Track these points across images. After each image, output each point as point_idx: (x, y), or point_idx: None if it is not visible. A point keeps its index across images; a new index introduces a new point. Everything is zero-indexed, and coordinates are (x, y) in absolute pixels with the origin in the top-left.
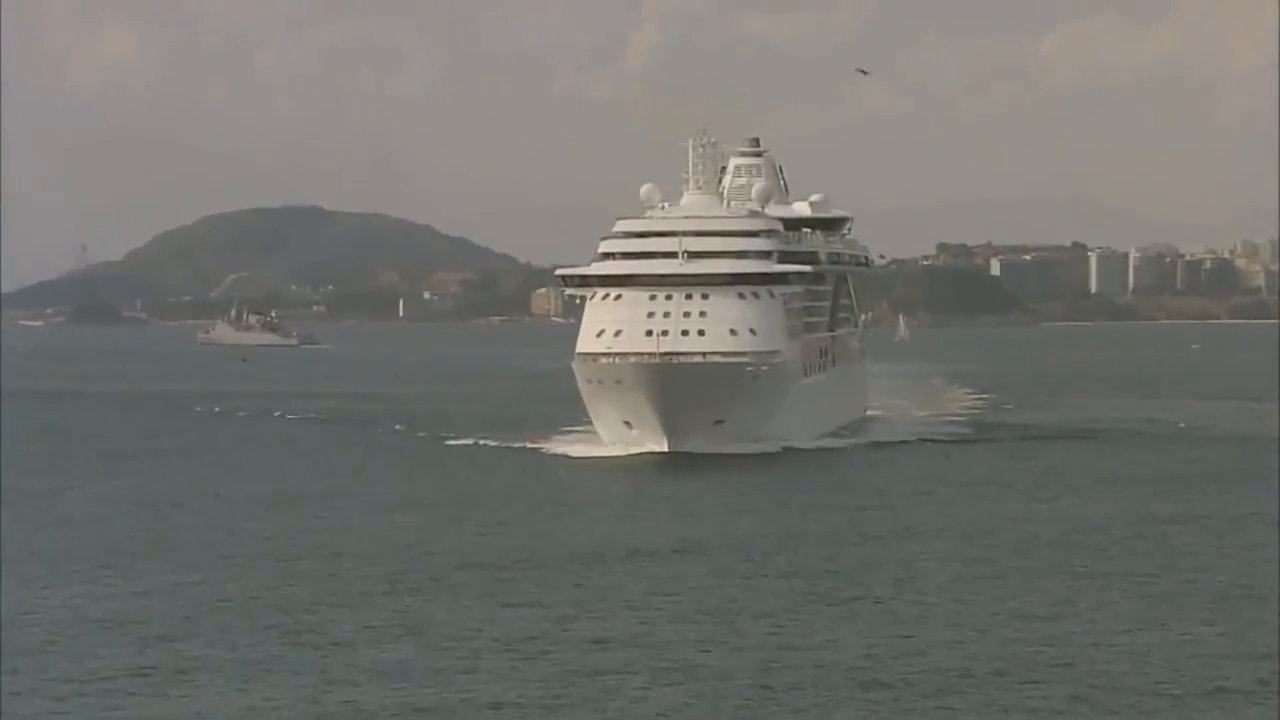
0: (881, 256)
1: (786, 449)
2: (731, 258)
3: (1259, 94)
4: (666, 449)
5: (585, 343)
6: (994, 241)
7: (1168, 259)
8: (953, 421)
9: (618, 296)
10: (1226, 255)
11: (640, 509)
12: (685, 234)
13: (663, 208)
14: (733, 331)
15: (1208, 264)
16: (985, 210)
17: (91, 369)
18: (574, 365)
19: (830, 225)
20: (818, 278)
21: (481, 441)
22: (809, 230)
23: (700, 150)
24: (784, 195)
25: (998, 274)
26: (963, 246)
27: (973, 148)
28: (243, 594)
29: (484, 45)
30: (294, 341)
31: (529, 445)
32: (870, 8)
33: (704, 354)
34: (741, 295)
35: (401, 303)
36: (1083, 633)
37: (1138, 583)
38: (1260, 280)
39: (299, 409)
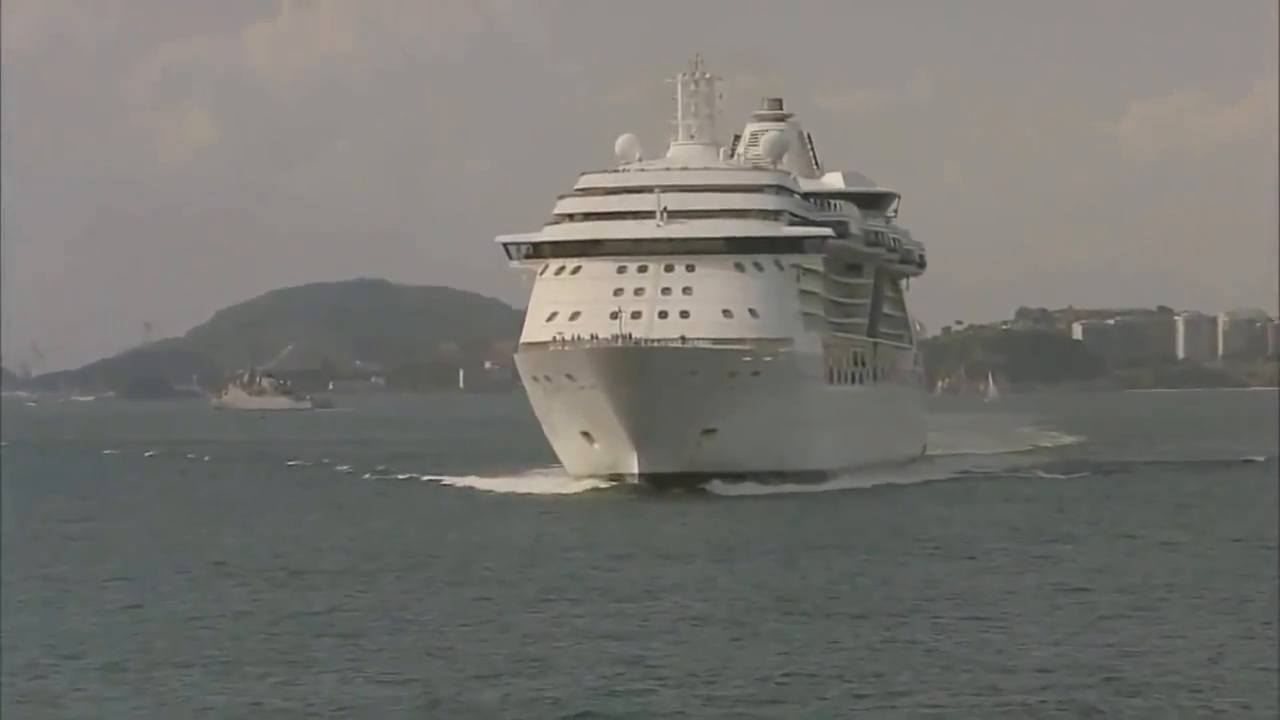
0: (959, 322)
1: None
2: (727, 217)
3: None
4: (636, 470)
5: (532, 329)
6: (1076, 305)
7: (1258, 324)
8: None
9: (576, 269)
10: None
11: None
12: (666, 189)
13: (640, 160)
14: (726, 312)
15: None
16: (1067, 280)
17: (72, 429)
18: (516, 359)
19: (869, 202)
20: (854, 266)
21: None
22: (839, 203)
23: (692, 89)
24: (812, 170)
25: (1080, 338)
26: (1043, 311)
27: (1055, 220)
28: None
29: (556, 123)
30: (307, 405)
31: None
32: (945, 84)
33: (684, 338)
34: (740, 266)
35: (462, 373)
36: None
37: None
38: None
39: (212, 451)
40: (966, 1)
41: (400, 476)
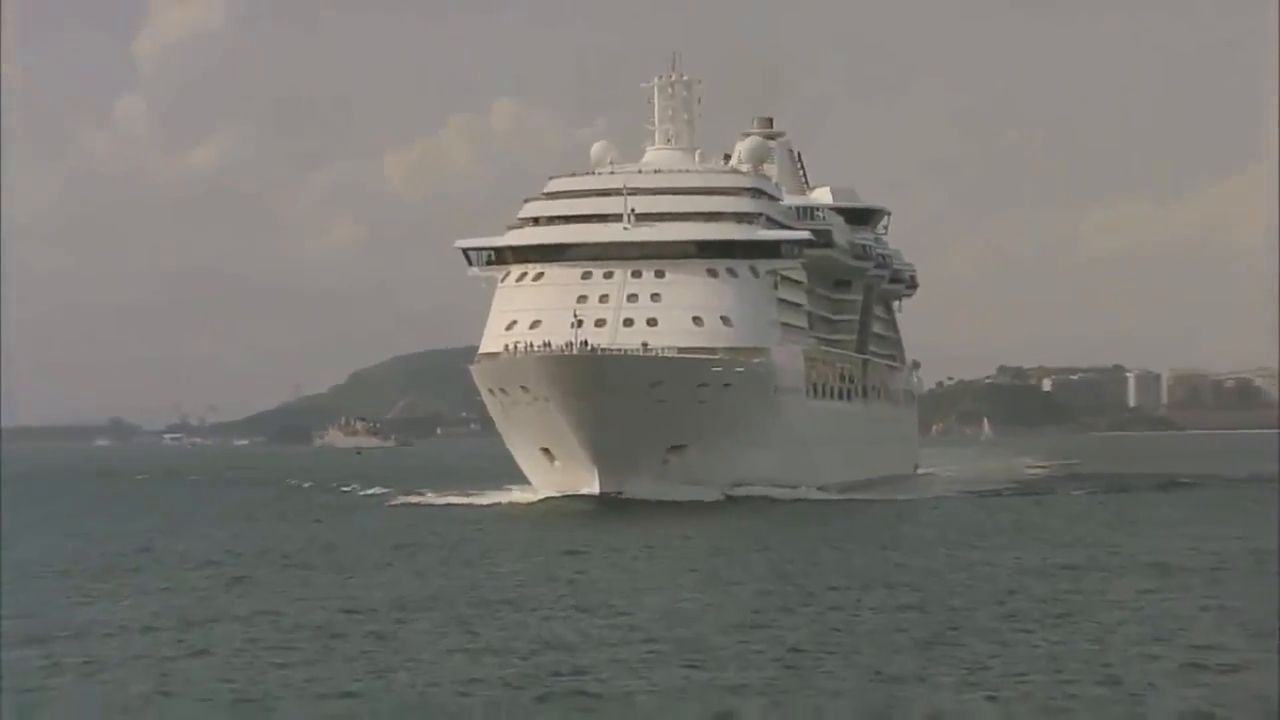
0: (950, 378)
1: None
2: (698, 220)
3: (1258, 257)
4: (597, 490)
5: (490, 339)
6: (1046, 364)
7: (1195, 378)
8: None
9: (539, 275)
10: (1246, 376)
11: None
12: (635, 191)
13: (610, 164)
14: (697, 320)
15: (1229, 383)
16: (1040, 343)
17: (174, 462)
18: (472, 371)
19: (858, 217)
20: (842, 282)
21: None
22: (825, 213)
23: (669, 91)
24: (802, 188)
25: (1050, 390)
26: (1019, 369)
27: (1030, 296)
28: None
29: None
30: (391, 444)
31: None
32: (950, 191)
33: (645, 345)
34: (712, 272)
35: None
36: None
37: None
38: (1275, 396)
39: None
40: (952, 109)
41: (363, 492)
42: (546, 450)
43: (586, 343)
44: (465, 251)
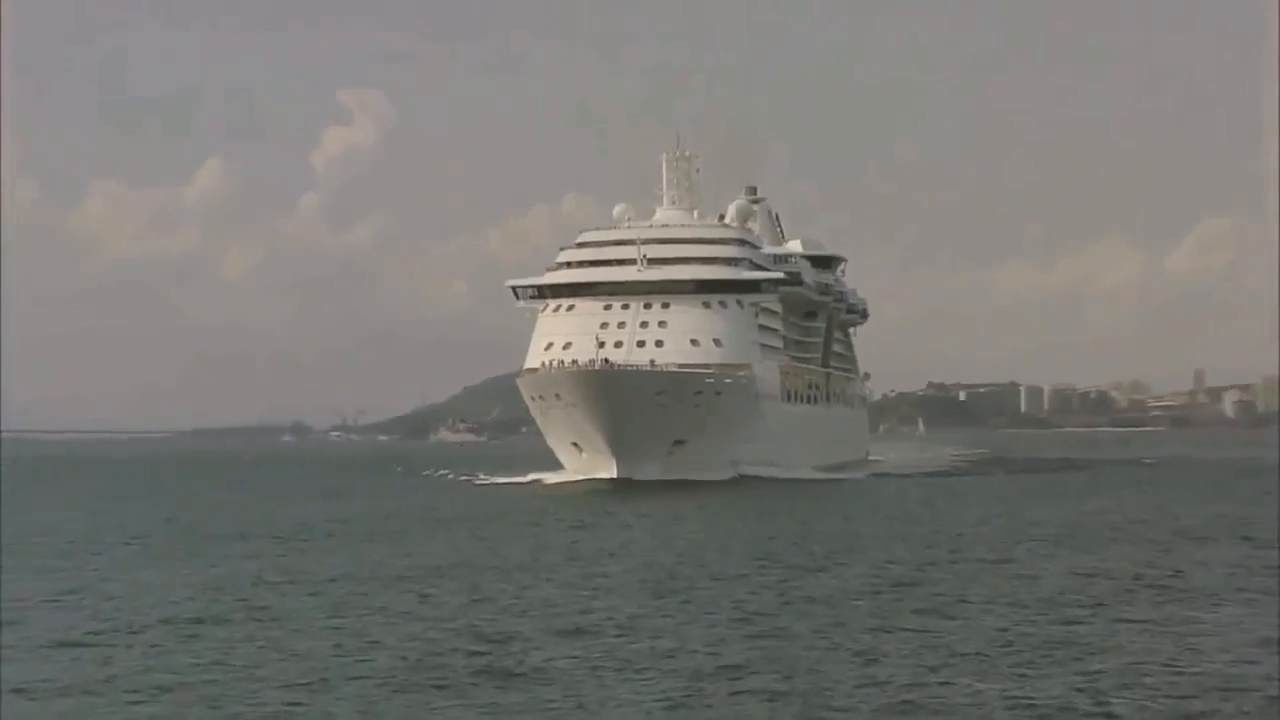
0: (892, 390)
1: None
2: (696, 264)
3: (1118, 305)
4: (615, 474)
5: (532, 357)
6: (962, 380)
7: (1068, 391)
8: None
9: (570, 307)
10: (1104, 389)
11: None
12: (646, 241)
13: (628, 221)
14: (694, 342)
15: (1092, 394)
16: (956, 363)
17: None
18: (518, 382)
19: (822, 262)
20: (810, 313)
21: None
22: (796, 259)
23: (675, 165)
24: (780, 240)
25: (964, 399)
26: (942, 384)
27: (953, 333)
28: None
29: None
30: (484, 439)
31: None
32: (893, 245)
33: (653, 362)
34: (707, 304)
35: None
36: None
37: None
38: (1125, 405)
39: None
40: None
41: (436, 475)
42: (576, 444)
43: (607, 360)
44: (514, 289)
